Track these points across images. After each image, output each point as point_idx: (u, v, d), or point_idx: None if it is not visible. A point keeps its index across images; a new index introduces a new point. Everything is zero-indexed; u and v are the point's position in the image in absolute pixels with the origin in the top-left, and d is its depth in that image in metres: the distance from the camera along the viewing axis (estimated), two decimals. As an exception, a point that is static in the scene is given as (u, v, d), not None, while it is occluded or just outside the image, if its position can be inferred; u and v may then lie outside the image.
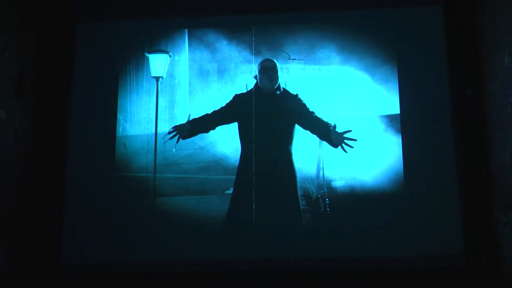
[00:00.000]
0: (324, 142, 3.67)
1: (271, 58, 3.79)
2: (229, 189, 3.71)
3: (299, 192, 3.65)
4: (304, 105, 3.72)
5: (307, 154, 3.71)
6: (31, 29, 3.68)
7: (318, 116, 3.68)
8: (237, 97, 3.80)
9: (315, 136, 3.70)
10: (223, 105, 3.78)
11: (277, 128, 3.72)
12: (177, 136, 3.73)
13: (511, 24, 3.10)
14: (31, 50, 3.67)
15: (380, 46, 3.78)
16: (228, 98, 3.80)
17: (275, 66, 3.76)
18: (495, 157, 3.32)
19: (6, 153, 3.37)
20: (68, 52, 3.84)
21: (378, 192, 3.60)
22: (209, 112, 3.77)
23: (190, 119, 3.75)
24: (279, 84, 3.76)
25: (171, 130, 3.75)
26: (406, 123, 3.65)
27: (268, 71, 3.75)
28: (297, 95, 3.75)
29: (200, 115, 3.77)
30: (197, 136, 3.78)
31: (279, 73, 3.75)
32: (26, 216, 3.56)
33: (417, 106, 3.66)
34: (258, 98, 3.76)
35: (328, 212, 3.61)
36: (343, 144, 3.58)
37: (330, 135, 3.61)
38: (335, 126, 3.61)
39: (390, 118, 3.71)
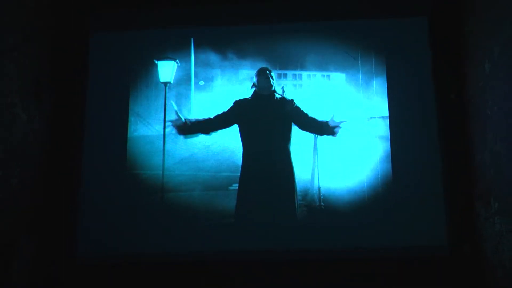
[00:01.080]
0: (318, 142, 3.88)
1: (270, 64, 4.02)
2: (231, 185, 3.90)
3: (296, 188, 3.85)
4: (299, 107, 3.96)
5: (304, 154, 3.92)
6: (48, 37, 3.82)
7: (313, 116, 3.92)
8: (236, 103, 4.02)
9: (312, 136, 3.91)
10: (225, 110, 3.99)
11: (276, 128, 3.93)
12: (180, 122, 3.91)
13: (491, 32, 3.25)
14: (48, 56, 3.82)
15: (370, 54, 3.97)
16: (230, 103, 4.01)
17: (270, 69, 4.00)
18: (477, 156, 3.48)
19: (25, 152, 3.51)
20: (83, 59, 4.00)
21: (368, 188, 3.80)
22: (212, 117, 3.97)
23: (193, 119, 3.96)
24: (274, 88, 3.97)
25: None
26: (394, 125, 3.84)
27: (265, 72, 3.98)
28: (292, 99, 3.99)
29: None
30: (201, 137, 3.98)
31: (276, 79, 3.97)
32: (44, 212, 3.69)
33: (404, 110, 3.85)
34: (257, 102, 3.99)
35: (322, 207, 3.82)
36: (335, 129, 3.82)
37: (328, 126, 3.84)
38: (333, 116, 3.84)
39: (380, 121, 3.90)
